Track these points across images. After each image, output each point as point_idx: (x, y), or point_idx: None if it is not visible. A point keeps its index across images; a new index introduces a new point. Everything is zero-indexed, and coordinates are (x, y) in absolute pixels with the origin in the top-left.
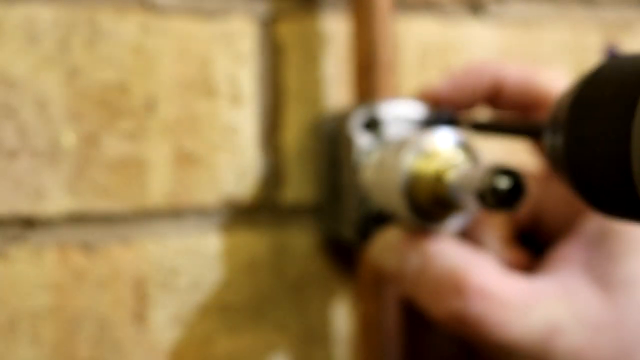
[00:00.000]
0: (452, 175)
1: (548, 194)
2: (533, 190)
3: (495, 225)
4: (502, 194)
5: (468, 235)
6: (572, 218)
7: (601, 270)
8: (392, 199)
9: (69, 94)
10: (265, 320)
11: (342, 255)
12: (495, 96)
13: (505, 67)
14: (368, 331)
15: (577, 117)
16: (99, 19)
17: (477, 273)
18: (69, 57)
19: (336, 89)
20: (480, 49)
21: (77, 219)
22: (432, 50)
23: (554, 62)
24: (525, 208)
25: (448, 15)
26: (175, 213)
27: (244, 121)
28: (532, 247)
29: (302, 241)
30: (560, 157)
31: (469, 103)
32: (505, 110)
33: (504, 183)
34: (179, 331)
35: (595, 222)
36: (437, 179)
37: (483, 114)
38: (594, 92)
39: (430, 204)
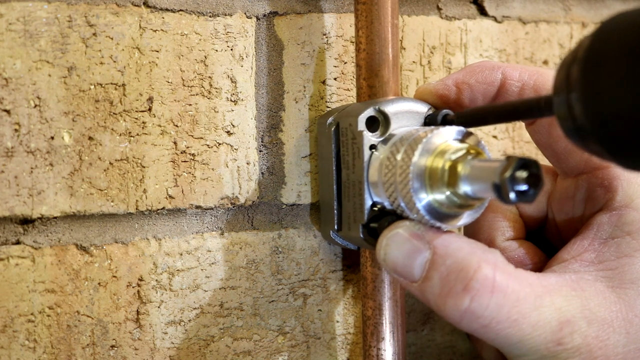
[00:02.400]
0: (465, 170)
1: (558, 192)
2: (545, 188)
3: (506, 224)
4: (520, 183)
5: (479, 234)
6: (583, 216)
7: (612, 268)
8: (402, 195)
9: (66, 92)
10: (265, 320)
11: (342, 255)
12: (498, 95)
13: (509, 66)
14: (368, 331)
15: (595, 68)
16: (97, 17)
17: (487, 268)
18: (66, 55)
19: (336, 86)
20: (483, 47)
21: (75, 219)
22: (435, 47)
23: (555, 61)
24: (535, 206)
25: (451, 13)
26: (174, 213)
27: (243, 120)
28: (541, 245)
29: (301, 241)
30: (580, 119)
31: (472, 101)
32: None
33: (521, 173)
34: (178, 331)
35: (606, 220)
36: (450, 175)
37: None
38: (610, 39)
39: (441, 200)
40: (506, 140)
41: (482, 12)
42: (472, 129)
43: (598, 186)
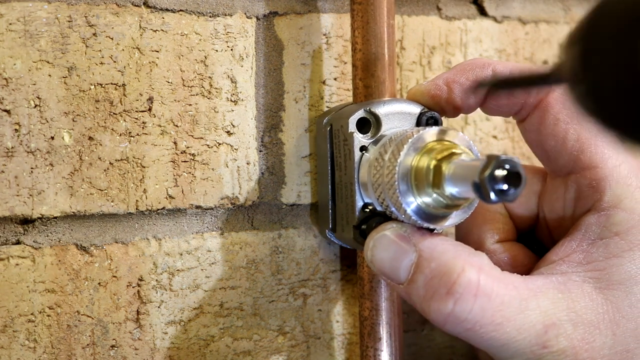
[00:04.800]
0: (449, 169)
1: (548, 193)
2: (535, 189)
3: (495, 226)
4: (499, 182)
5: (468, 236)
6: (573, 216)
7: (600, 269)
8: (389, 196)
9: (66, 92)
10: (265, 320)
11: (342, 255)
12: (489, 92)
13: (499, 64)
14: (365, 331)
15: (594, 37)
16: (97, 17)
17: (471, 272)
18: (66, 55)
19: (336, 86)
20: (483, 47)
21: (75, 219)
22: (435, 47)
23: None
24: (525, 207)
25: (450, 12)
26: (174, 213)
27: (243, 120)
28: (533, 246)
29: (301, 241)
30: (580, 79)
31: (464, 100)
32: (499, 107)
33: (501, 172)
34: (178, 331)
35: (595, 220)
36: (434, 174)
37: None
38: (611, 10)
39: (427, 200)
40: (506, 140)
41: (482, 12)
42: (464, 131)
43: (586, 186)
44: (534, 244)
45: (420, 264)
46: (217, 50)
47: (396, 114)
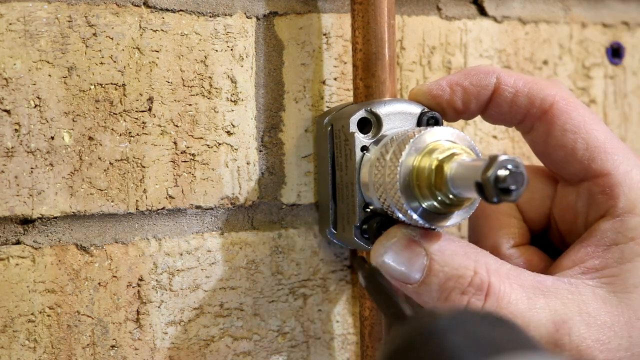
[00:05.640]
0: (450, 170)
1: (559, 200)
2: (547, 193)
3: (510, 230)
4: (502, 182)
5: (483, 241)
6: (586, 222)
7: (615, 274)
8: (391, 196)
9: (66, 92)
10: (265, 321)
11: (342, 256)
12: (492, 99)
13: (504, 72)
14: (366, 331)
15: None
16: (97, 17)
17: (482, 273)
18: (66, 55)
19: (336, 86)
20: (483, 47)
21: (75, 219)
22: (435, 47)
23: (555, 61)
24: (538, 211)
25: (451, 12)
26: (174, 213)
27: (243, 120)
28: (547, 249)
29: (301, 241)
30: None
31: (465, 104)
32: (501, 115)
33: (503, 172)
34: (178, 331)
35: (609, 226)
36: (436, 174)
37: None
38: None
39: (430, 201)
40: (506, 140)
41: (482, 12)
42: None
43: (599, 193)
44: (546, 246)
45: (432, 267)
46: (217, 50)
47: (397, 114)
